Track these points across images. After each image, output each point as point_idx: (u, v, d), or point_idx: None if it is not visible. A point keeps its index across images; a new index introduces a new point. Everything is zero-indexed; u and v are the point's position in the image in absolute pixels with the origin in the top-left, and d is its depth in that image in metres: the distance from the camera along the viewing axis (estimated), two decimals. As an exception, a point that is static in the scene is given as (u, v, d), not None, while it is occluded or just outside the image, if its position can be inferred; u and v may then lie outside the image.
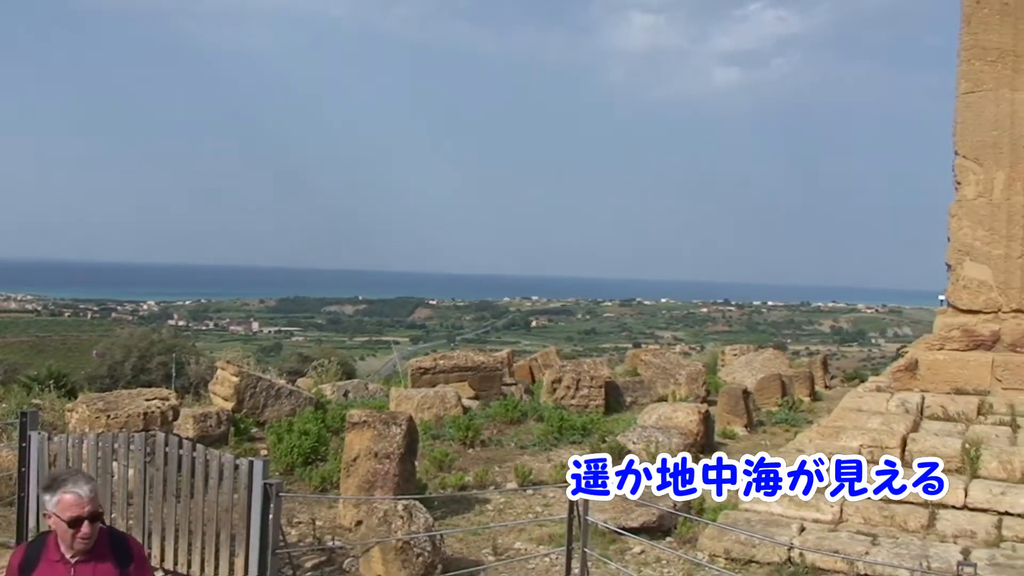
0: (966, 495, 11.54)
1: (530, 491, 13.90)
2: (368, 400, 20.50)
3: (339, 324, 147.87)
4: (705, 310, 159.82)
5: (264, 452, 15.35)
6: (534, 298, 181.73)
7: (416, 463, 13.24)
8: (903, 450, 12.65)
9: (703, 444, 16.78)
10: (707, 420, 17.32)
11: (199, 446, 9.82)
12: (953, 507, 11.50)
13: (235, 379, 17.64)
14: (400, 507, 10.00)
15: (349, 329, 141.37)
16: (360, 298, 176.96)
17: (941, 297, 16.64)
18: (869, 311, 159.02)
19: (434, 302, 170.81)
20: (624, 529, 11.40)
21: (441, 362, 21.97)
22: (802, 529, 11.35)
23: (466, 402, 19.96)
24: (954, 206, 15.75)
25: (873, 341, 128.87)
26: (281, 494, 9.15)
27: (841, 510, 11.74)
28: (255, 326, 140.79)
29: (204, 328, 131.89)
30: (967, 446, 12.36)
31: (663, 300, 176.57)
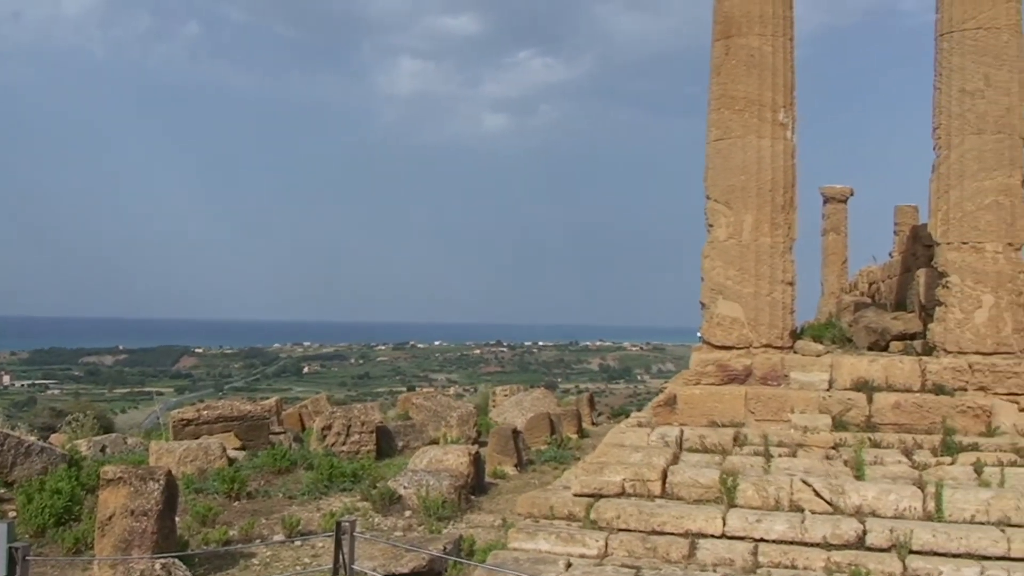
0: (724, 524, 12.01)
1: (298, 542, 13.57)
2: (127, 455, 19.56)
3: (98, 375, 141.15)
4: (478, 351, 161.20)
5: (12, 514, 14.51)
6: (306, 344, 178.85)
7: (177, 519, 12.72)
8: (664, 482, 13.07)
9: (474, 485, 16.87)
10: (477, 461, 17.42)
11: (-67, 512, 9.14)
12: (712, 536, 11.94)
13: (-21, 437, 16.51)
14: (158, 566, 9.59)
15: (109, 380, 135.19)
16: (120, 347, 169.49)
17: (699, 334, 17.35)
18: (635, 349, 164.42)
19: (200, 350, 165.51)
20: (394, 576, 11.28)
21: (205, 412, 21.24)
22: (569, 565, 11.51)
23: (232, 453, 19.36)
24: (707, 247, 16.53)
25: (639, 378, 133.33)
26: (29, 557, 8.64)
27: (606, 544, 12.00)
28: (6, 379, 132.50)
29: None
30: (724, 476, 12.88)
31: (436, 343, 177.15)
